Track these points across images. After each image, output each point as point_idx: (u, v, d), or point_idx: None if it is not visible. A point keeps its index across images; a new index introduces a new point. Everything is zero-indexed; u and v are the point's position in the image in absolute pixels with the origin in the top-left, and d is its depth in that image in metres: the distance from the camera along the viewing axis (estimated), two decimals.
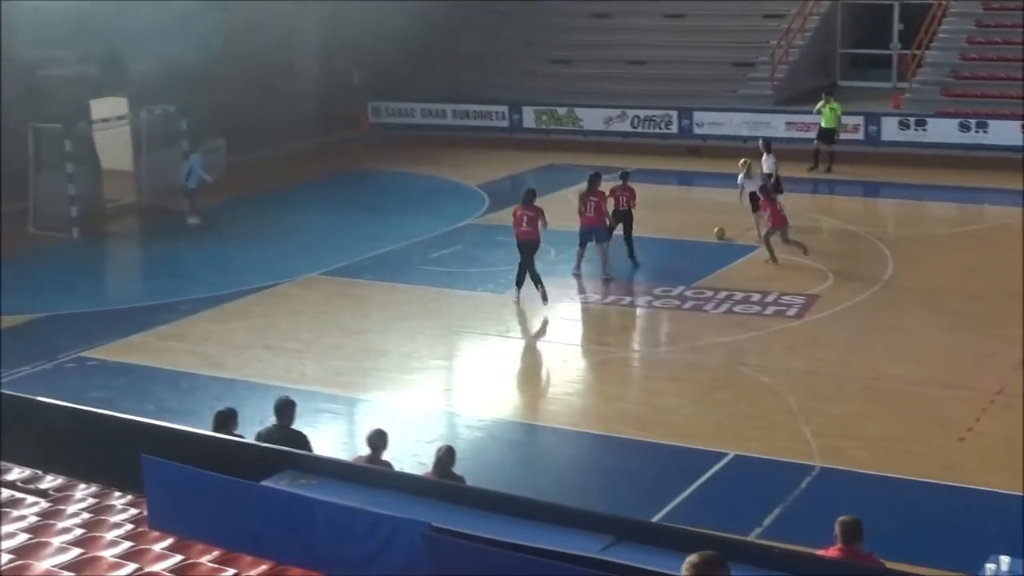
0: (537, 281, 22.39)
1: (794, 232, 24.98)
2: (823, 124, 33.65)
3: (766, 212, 24.84)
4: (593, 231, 24.10)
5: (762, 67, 38.82)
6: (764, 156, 27.90)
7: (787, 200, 25.87)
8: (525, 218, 22.57)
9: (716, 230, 26.72)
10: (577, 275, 24.12)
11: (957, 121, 33.96)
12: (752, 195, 25.96)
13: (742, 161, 26.81)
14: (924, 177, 32.11)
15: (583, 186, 24.36)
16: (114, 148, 32.09)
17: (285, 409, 13.05)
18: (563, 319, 22.48)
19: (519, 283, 22.62)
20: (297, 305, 23.14)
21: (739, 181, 26.44)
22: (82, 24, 30.92)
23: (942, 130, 34.10)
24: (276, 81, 36.90)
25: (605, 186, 24.69)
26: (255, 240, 28.24)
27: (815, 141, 33.71)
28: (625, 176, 25.58)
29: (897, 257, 24.92)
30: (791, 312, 21.69)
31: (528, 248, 22.48)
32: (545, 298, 22.33)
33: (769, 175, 26.97)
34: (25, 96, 29.93)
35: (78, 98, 30.87)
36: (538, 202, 22.81)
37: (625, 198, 25.11)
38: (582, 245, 24.15)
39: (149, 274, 27.17)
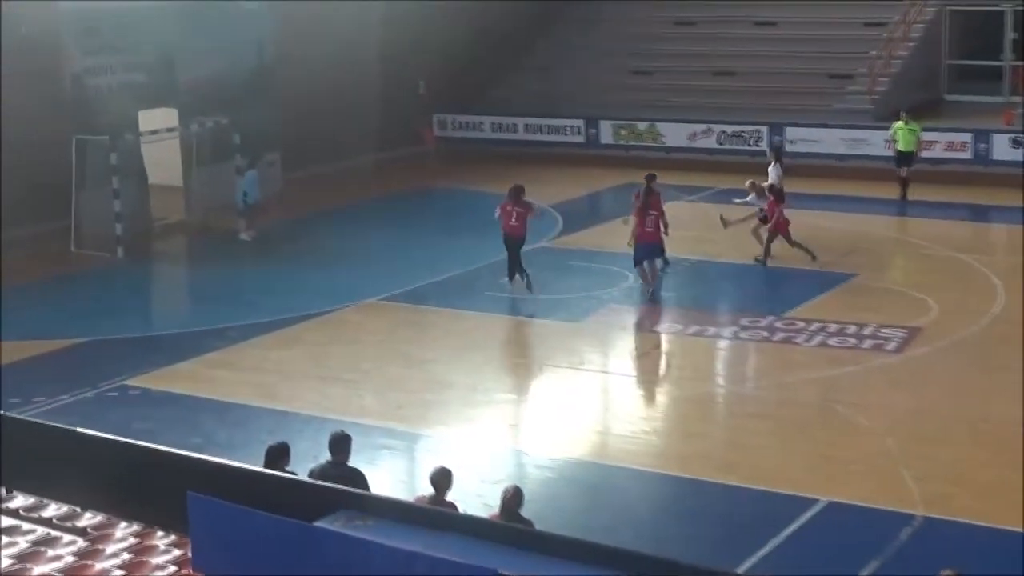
0: (523, 272, 24.89)
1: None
2: (900, 147, 32.66)
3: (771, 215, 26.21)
4: (652, 247, 24.28)
5: (861, 79, 38.60)
6: (772, 164, 28.78)
7: (887, 224, 25.68)
8: (515, 214, 24.81)
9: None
10: (655, 300, 24.13)
11: None
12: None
13: (749, 182, 27.57)
14: None
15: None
16: (163, 162, 32.41)
17: (340, 444, 13.06)
18: (641, 351, 22.41)
19: (512, 275, 24.98)
20: (356, 332, 23.23)
21: (748, 199, 27.29)
22: (131, 30, 31.24)
23: None
24: (335, 92, 37.12)
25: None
26: (311, 262, 28.37)
27: (896, 168, 32.75)
28: (651, 178, 25.96)
29: (1009, 288, 24.61)
30: (891, 346, 21.48)
31: (517, 243, 25.00)
32: (530, 287, 24.70)
33: (773, 186, 27.56)
34: (69, 106, 30.24)
35: (125, 108, 31.17)
36: (615, 222, 22.98)
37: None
38: (642, 265, 24.44)
39: (198, 298, 27.39)
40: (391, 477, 16.94)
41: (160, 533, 10.22)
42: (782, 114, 37.57)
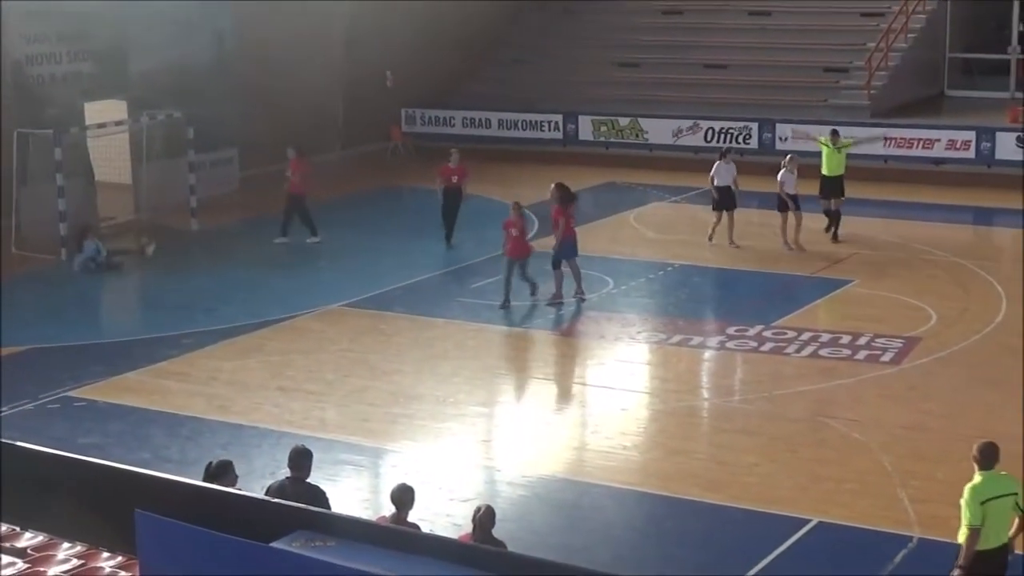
0: (288, 230, 29.70)
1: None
2: (824, 170, 29.43)
3: None
4: (572, 245, 24.66)
5: (857, 73, 38.78)
6: (724, 161, 29.31)
7: (885, 227, 25.79)
8: (300, 172, 29.61)
9: None
10: (559, 303, 24.60)
11: None
12: (784, 196, 28.08)
13: (788, 157, 28.60)
14: None
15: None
16: (111, 158, 32.35)
17: (300, 460, 13.07)
18: (621, 361, 22.47)
19: (286, 232, 29.72)
20: (317, 341, 23.24)
21: (780, 179, 28.11)
22: (78, 16, 31.20)
23: None
24: (296, 84, 37.12)
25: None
26: (271, 266, 28.40)
27: (820, 198, 29.55)
28: (455, 153, 29.25)
29: (1012, 296, 24.76)
30: (887, 357, 21.59)
31: (301, 200, 29.67)
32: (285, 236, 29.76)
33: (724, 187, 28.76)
34: (11, 97, 30.17)
35: (71, 100, 31.13)
36: (594, 225, 23.20)
37: (456, 176, 28.91)
38: (561, 267, 24.71)
39: (148, 303, 27.35)
40: (355, 495, 16.96)
41: (106, 554, 10.22)
42: (773, 110, 37.75)
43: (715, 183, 28.81)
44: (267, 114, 35.80)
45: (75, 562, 10.15)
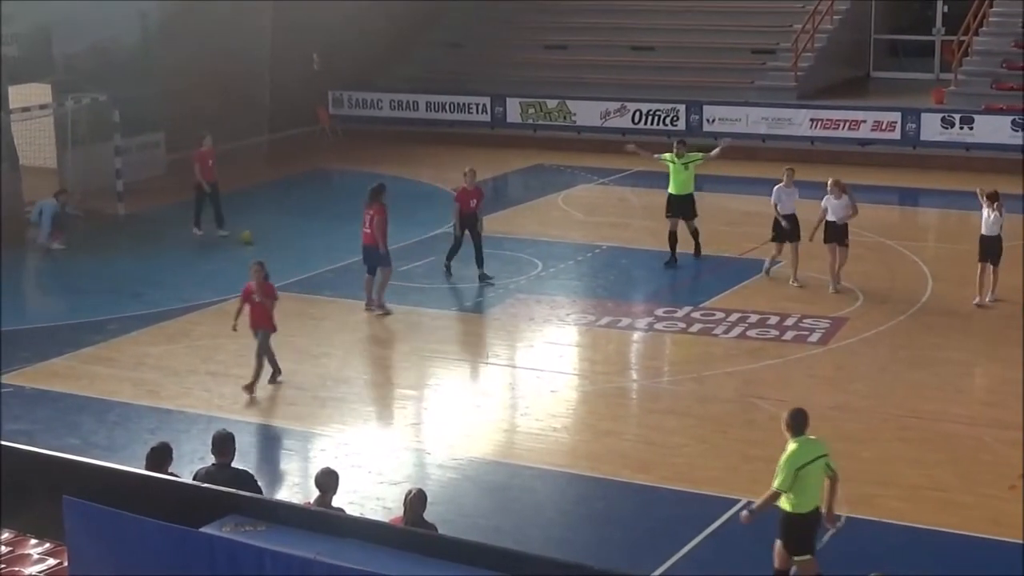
0: (199, 222, 29.23)
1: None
2: (671, 188, 26.27)
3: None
4: (368, 251, 23.69)
5: (784, 55, 38.96)
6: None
7: (811, 208, 25.81)
8: (211, 161, 28.91)
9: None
10: (371, 308, 23.62)
11: (1009, 119, 34.07)
12: (832, 224, 23.71)
13: (832, 181, 24.05)
14: (970, 183, 31.90)
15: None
16: (35, 142, 32.06)
17: (224, 444, 13.05)
18: (551, 344, 22.50)
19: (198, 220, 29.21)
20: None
21: (823, 204, 23.90)
22: None
23: (991, 129, 34.21)
24: (222, 67, 36.88)
25: None
26: (198, 250, 28.28)
27: (668, 215, 26.37)
28: (472, 172, 25.47)
29: (938, 275, 25.00)
30: (814, 337, 21.75)
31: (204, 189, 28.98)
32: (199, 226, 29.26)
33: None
34: None
35: None
36: (523, 207, 23.13)
37: (475, 200, 25.25)
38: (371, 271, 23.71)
39: (75, 288, 27.09)
40: (284, 479, 16.95)
41: (33, 541, 10.18)
42: (701, 91, 37.87)
43: (779, 210, 24.45)
44: (193, 97, 35.56)
45: (3, 549, 10.10)
